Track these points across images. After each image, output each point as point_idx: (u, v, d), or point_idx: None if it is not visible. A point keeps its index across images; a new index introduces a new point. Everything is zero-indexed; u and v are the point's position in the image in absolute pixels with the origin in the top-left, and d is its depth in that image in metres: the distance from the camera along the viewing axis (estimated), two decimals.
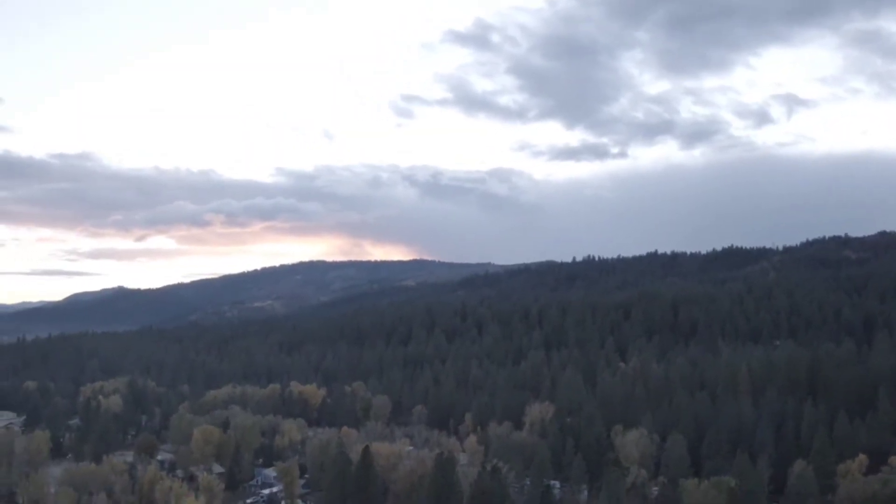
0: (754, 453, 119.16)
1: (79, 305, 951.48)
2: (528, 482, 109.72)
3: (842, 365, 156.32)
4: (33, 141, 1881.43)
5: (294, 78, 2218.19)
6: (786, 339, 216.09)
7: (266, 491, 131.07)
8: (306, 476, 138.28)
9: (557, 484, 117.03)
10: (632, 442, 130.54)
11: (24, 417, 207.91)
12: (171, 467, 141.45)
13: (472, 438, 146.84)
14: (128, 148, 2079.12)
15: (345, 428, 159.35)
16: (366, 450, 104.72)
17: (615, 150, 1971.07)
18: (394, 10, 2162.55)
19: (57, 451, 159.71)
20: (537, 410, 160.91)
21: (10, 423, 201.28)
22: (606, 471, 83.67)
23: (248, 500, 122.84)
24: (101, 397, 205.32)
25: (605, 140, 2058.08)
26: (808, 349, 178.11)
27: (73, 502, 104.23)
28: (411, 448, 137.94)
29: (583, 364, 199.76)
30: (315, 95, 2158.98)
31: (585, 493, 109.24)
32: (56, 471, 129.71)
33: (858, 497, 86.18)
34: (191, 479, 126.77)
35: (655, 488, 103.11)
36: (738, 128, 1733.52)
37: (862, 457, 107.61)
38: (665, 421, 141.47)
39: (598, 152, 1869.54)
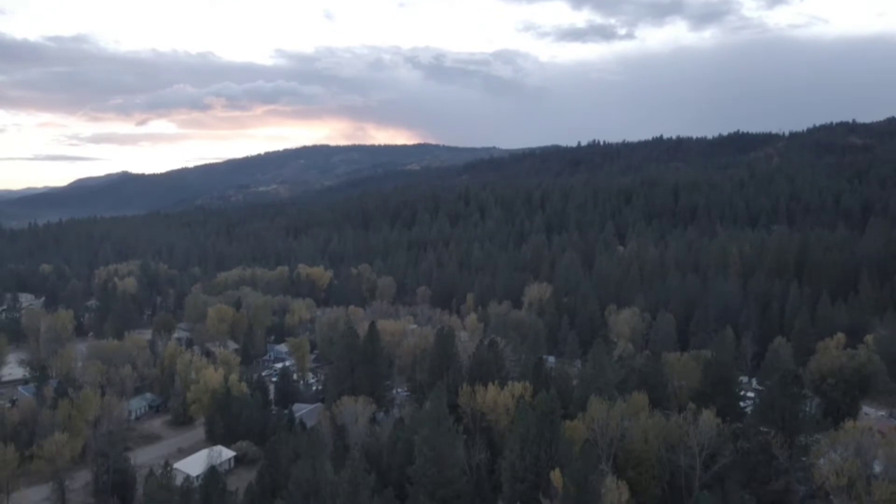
0: (739, 331, 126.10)
1: (84, 191, 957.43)
2: (524, 356, 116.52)
3: (830, 249, 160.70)
4: (27, 23, 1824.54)
5: None
6: (783, 224, 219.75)
7: (279, 364, 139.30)
8: (316, 351, 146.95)
9: (552, 358, 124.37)
10: (623, 320, 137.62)
11: (42, 299, 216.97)
12: (189, 343, 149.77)
13: (473, 316, 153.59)
14: (124, 30, 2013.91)
15: (352, 307, 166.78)
16: (372, 325, 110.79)
17: (622, 31, 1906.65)
18: None
19: (78, 330, 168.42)
20: (536, 291, 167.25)
21: (31, 304, 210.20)
22: (595, 343, 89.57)
23: (263, 373, 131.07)
24: (116, 279, 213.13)
25: (612, 21, 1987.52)
26: (799, 233, 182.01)
27: (101, 373, 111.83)
28: (415, 325, 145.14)
29: (582, 247, 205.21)
30: None
31: (578, 366, 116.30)
32: (81, 347, 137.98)
33: (826, 369, 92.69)
34: (207, 354, 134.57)
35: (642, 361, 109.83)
36: (750, 8, 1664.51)
37: (840, 335, 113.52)
38: (657, 301, 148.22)
39: (604, 33, 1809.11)
